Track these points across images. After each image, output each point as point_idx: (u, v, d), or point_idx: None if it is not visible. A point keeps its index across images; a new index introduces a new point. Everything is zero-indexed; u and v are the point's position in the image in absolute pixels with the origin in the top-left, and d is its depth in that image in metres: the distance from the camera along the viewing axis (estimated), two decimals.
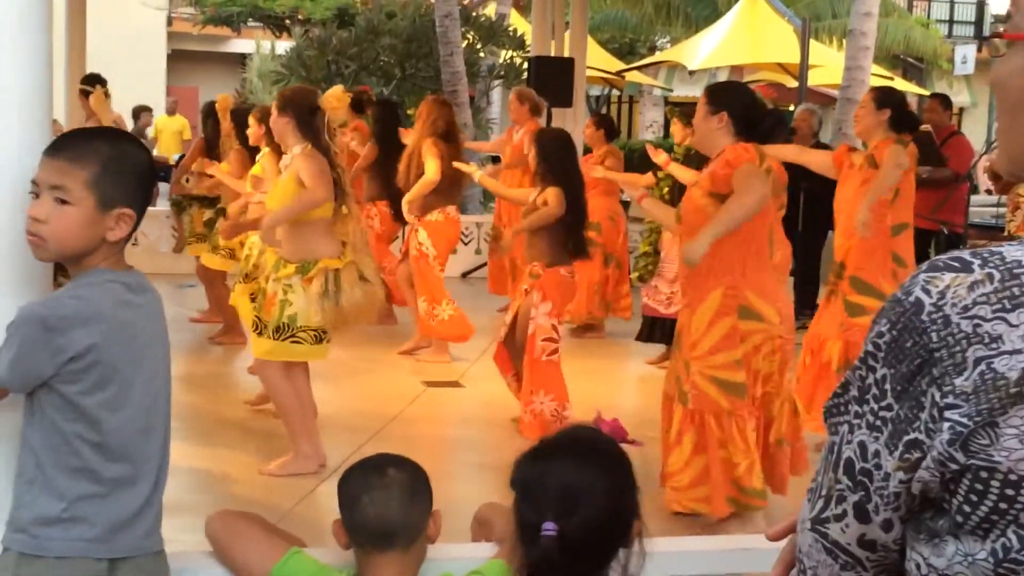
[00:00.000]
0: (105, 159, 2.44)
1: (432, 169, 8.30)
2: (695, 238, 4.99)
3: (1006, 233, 9.28)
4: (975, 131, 21.77)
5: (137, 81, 22.43)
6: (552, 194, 6.72)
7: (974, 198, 11.44)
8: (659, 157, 7.19)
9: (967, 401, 1.14)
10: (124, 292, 2.49)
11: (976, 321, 1.14)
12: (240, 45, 30.85)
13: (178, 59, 31.40)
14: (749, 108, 5.29)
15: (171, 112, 19.67)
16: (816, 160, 6.81)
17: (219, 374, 8.15)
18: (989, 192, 15.79)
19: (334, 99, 5.88)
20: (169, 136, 18.48)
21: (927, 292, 1.18)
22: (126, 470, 2.49)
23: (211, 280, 9.22)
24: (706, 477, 5.19)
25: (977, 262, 1.18)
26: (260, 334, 5.84)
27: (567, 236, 6.75)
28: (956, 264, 1.19)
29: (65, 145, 2.48)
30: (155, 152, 17.63)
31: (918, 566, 1.23)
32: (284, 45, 23.69)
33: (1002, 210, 9.88)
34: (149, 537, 2.56)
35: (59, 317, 2.38)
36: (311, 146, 5.76)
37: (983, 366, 1.13)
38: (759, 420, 5.25)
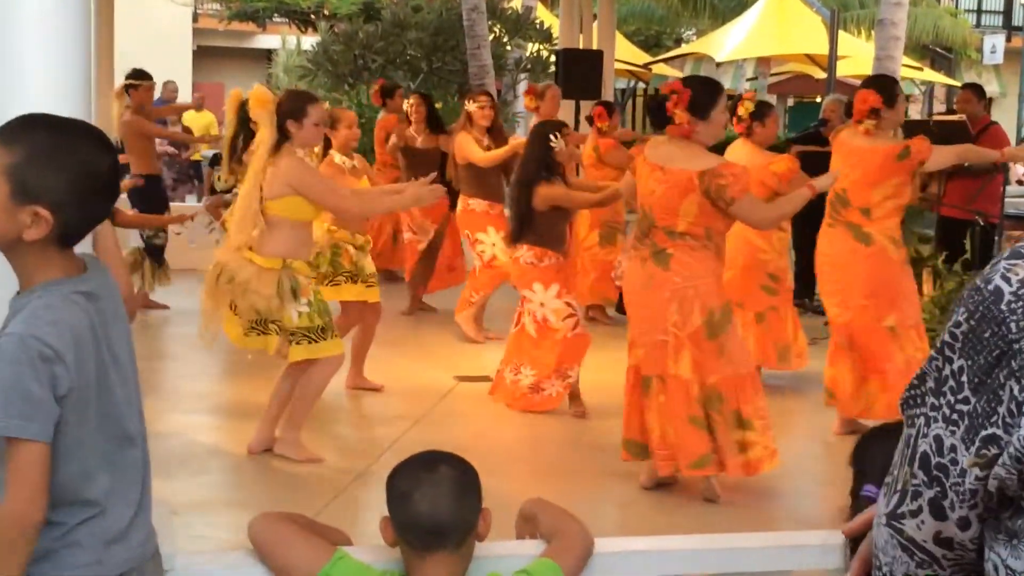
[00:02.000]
0: (35, 150, 2.18)
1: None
2: None
3: None
4: (1005, 121, 21.56)
5: (163, 77, 22.39)
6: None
7: (1008, 189, 11.31)
8: None
9: None
10: (86, 303, 2.24)
11: None
12: (266, 41, 30.88)
13: (204, 55, 31.44)
14: (654, 99, 5.91)
15: (198, 108, 19.64)
16: None
17: (268, 366, 8.12)
18: (1020, 183, 15.65)
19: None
20: (197, 132, 18.47)
21: (1007, 280, 1.12)
22: (112, 483, 2.30)
23: None
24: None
25: None
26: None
27: None
28: None
29: (8, 126, 2.23)
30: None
31: (996, 568, 1.18)
32: (310, 40, 23.66)
33: None
34: (147, 543, 2.40)
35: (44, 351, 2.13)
36: None
37: None
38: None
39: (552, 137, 6.92)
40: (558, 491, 5.36)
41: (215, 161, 12.53)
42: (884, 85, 6.82)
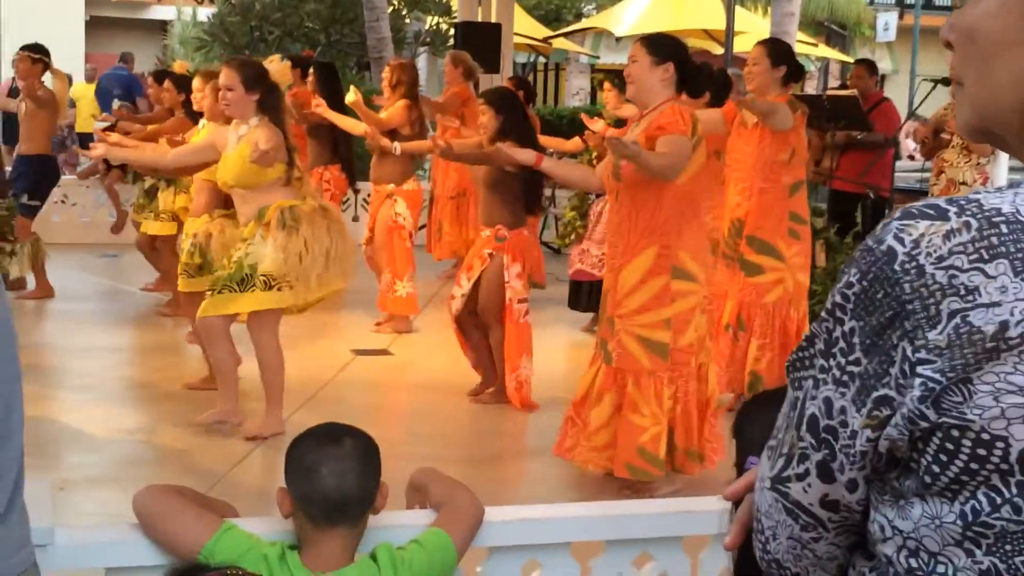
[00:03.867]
0: None
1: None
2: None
3: (982, 189, 9.37)
4: (897, 97, 21.85)
5: (55, 48, 21.92)
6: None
7: (898, 163, 11.53)
8: (596, 124, 7.16)
9: (940, 356, 1.09)
10: None
11: (952, 272, 1.09)
12: (161, 12, 30.31)
13: (97, 26, 30.75)
14: (688, 60, 5.29)
15: (90, 79, 19.22)
16: (705, 121, 6.77)
17: (162, 345, 7.99)
18: (911, 158, 15.96)
19: (278, 73, 5.95)
20: (88, 103, 18.04)
21: (900, 241, 1.13)
22: None
23: (156, 248, 9.03)
24: (616, 439, 5.20)
25: (954, 210, 1.13)
26: (221, 292, 5.75)
27: (525, 195, 6.63)
28: (931, 212, 1.13)
29: None
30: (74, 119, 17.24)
31: (882, 528, 1.19)
32: (206, 12, 23.26)
33: (926, 175, 9.96)
34: (12, 557, 1.90)
35: None
36: (268, 119, 5.81)
37: (958, 319, 1.08)
38: (693, 390, 5.23)
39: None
40: (456, 464, 5.35)
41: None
42: None
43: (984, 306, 1.08)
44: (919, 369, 1.10)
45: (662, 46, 5.24)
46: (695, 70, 5.31)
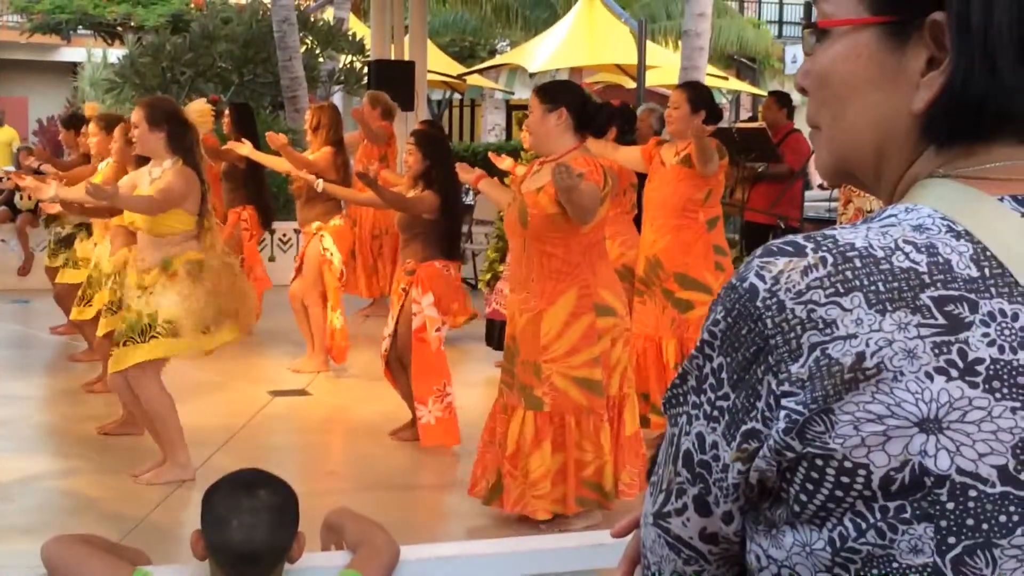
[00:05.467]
0: None
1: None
2: None
3: (838, 225, 9.54)
4: (805, 128, 22.23)
5: None
6: (428, 197, 6.51)
7: (808, 193, 11.74)
8: (504, 163, 7.19)
9: (802, 388, 1.12)
10: None
11: (810, 306, 1.12)
12: (71, 53, 29.98)
13: (5, 69, 30.39)
14: (584, 103, 5.31)
15: None
16: (626, 156, 6.87)
17: (75, 391, 7.86)
18: (822, 187, 16.21)
19: (196, 114, 5.89)
20: None
21: (761, 278, 1.16)
22: None
23: (72, 297, 8.91)
24: (563, 478, 5.22)
25: (811, 246, 1.16)
26: (125, 344, 5.74)
27: (441, 238, 6.57)
28: (790, 248, 1.16)
29: None
30: None
31: (758, 558, 1.21)
32: (116, 53, 23.08)
33: (835, 204, 10.13)
34: None
35: None
36: (183, 162, 5.76)
37: (818, 352, 1.11)
38: (614, 419, 5.30)
39: None
40: (375, 504, 5.35)
41: None
42: None
43: (842, 338, 1.11)
44: (783, 401, 1.13)
45: (553, 92, 5.27)
46: (595, 110, 5.31)
